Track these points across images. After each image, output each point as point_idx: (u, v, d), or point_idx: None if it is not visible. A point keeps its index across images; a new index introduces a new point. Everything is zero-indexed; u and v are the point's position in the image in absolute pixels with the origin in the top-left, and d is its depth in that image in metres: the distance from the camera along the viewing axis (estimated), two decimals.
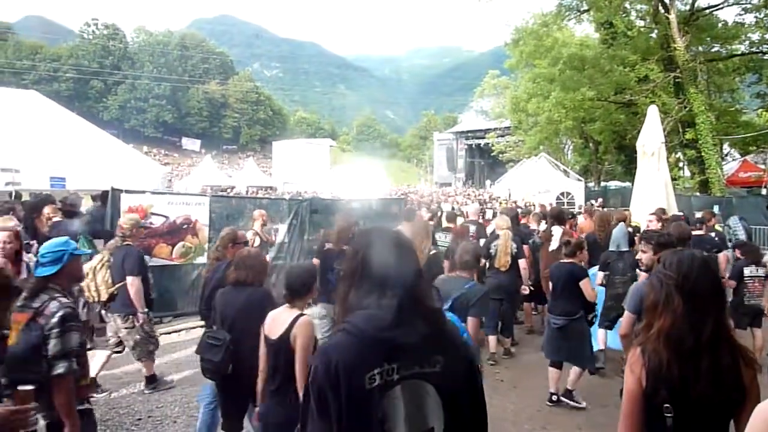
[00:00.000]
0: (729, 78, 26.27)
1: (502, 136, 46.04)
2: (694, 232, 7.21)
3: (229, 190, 28.97)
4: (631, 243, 6.84)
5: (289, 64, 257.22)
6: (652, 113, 12.06)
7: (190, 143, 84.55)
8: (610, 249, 6.69)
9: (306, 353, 3.00)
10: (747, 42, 23.48)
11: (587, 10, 24.40)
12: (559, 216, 8.29)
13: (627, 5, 24.60)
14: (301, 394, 2.80)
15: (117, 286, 5.43)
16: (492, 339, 7.01)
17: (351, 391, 1.55)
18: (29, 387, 2.32)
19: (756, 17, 21.88)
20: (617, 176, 32.88)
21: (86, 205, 9.50)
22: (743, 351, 2.06)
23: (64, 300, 2.88)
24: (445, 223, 8.63)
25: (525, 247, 7.71)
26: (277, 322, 3.16)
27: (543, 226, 9.00)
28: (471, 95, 72.57)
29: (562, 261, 5.71)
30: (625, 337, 4.19)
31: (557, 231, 7.83)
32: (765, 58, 23.01)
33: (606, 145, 30.61)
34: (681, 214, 9.44)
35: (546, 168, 25.22)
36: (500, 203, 20.92)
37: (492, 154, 50.33)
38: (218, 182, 31.86)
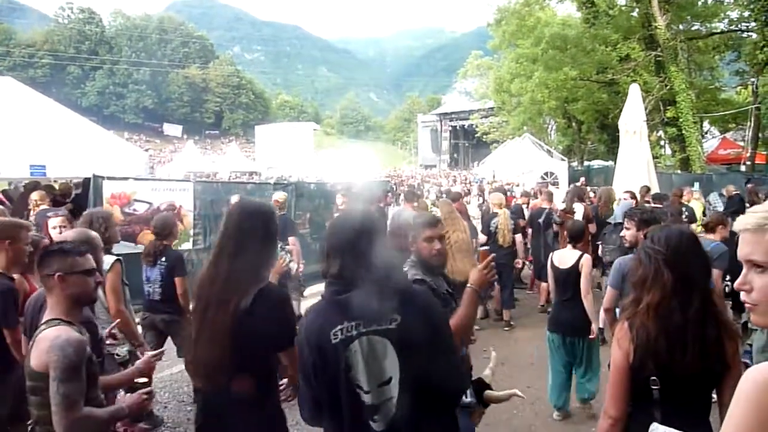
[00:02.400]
0: (709, 56, 26.49)
1: (486, 117, 46.03)
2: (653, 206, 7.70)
3: (212, 176, 28.75)
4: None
5: (271, 47, 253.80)
6: (634, 92, 12.12)
7: (172, 129, 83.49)
8: (613, 223, 7.18)
9: (589, 277, 4.86)
10: (726, 20, 23.70)
11: None
12: (580, 194, 8.94)
13: None
14: (586, 301, 4.74)
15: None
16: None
17: (319, 345, 1.88)
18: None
19: None
20: (600, 155, 32.99)
21: None
22: (727, 324, 2.11)
23: None
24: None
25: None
26: (564, 257, 5.01)
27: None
28: (454, 76, 72.29)
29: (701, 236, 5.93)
30: (608, 312, 4.28)
31: (579, 208, 8.23)
32: (744, 36, 23.18)
33: (589, 124, 30.73)
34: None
35: (530, 148, 25.20)
36: (490, 184, 20.87)
37: (476, 135, 50.28)
38: (201, 168, 31.49)
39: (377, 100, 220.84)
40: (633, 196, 7.72)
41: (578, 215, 8.06)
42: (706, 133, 26.24)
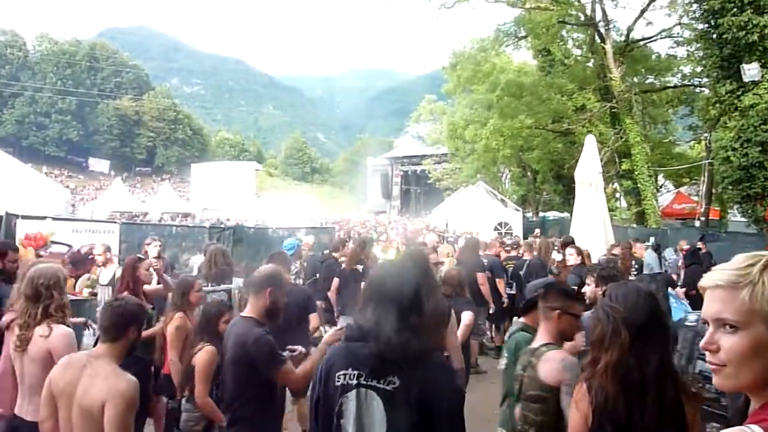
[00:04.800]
0: (663, 110, 27.90)
1: (439, 162, 46.71)
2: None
3: (141, 217, 28.02)
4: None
5: (212, 81, 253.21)
6: (590, 143, 12.57)
7: (98, 164, 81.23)
8: (644, 272, 7.49)
9: None
10: (679, 75, 25.19)
11: (525, 37, 25.53)
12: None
13: (564, 33, 25.95)
14: None
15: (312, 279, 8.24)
16: None
17: (327, 382, 2.08)
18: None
19: (687, 51, 23.54)
20: (555, 206, 33.57)
21: None
22: (686, 386, 2.15)
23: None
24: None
25: (480, 274, 8.36)
26: None
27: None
28: (407, 120, 73.58)
29: None
30: None
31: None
32: (697, 91, 24.63)
33: (544, 174, 31.43)
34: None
35: (483, 197, 25.63)
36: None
37: (429, 181, 50.87)
38: (129, 208, 30.67)
39: (325, 141, 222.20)
40: (579, 253, 7.86)
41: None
42: (661, 187, 27.37)
